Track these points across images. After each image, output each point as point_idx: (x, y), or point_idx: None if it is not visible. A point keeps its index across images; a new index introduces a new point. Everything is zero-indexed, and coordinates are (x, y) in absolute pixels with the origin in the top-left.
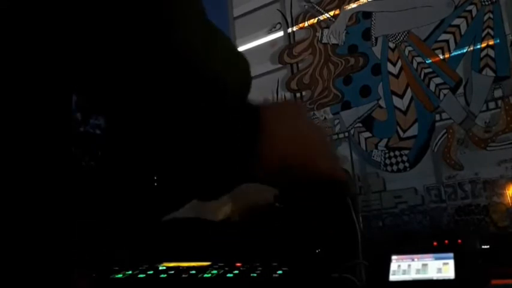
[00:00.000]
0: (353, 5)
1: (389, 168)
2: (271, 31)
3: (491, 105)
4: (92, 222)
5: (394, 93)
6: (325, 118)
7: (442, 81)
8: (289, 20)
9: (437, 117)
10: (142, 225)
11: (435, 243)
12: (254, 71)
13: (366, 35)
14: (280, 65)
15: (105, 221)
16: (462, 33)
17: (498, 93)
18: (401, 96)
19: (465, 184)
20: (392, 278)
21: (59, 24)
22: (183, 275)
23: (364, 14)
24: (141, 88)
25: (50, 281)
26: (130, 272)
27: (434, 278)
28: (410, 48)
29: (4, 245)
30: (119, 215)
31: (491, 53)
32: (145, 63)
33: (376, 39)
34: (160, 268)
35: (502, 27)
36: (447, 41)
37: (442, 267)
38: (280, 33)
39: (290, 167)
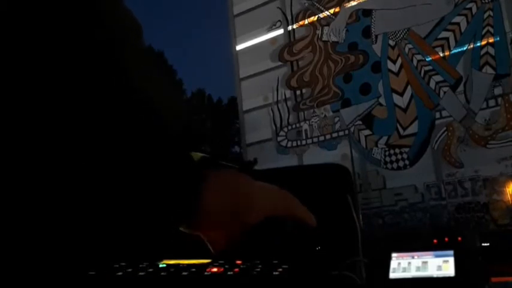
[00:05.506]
0: (353, 3)
1: (389, 165)
2: (271, 29)
3: (491, 103)
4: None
5: (394, 91)
6: (325, 116)
7: (442, 78)
8: (289, 17)
9: (437, 114)
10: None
11: (435, 241)
12: (254, 68)
13: (366, 32)
14: (280, 63)
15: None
16: (462, 31)
17: (498, 90)
18: (401, 94)
19: (465, 182)
20: (392, 275)
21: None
22: (184, 273)
23: (364, 12)
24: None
25: (50, 281)
26: (130, 269)
27: (435, 276)
28: (410, 45)
29: (5, 244)
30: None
31: (491, 50)
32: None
33: (376, 36)
34: (160, 266)
35: (502, 25)
36: (447, 39)
37: (442, 265)
38: (281, 31)
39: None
